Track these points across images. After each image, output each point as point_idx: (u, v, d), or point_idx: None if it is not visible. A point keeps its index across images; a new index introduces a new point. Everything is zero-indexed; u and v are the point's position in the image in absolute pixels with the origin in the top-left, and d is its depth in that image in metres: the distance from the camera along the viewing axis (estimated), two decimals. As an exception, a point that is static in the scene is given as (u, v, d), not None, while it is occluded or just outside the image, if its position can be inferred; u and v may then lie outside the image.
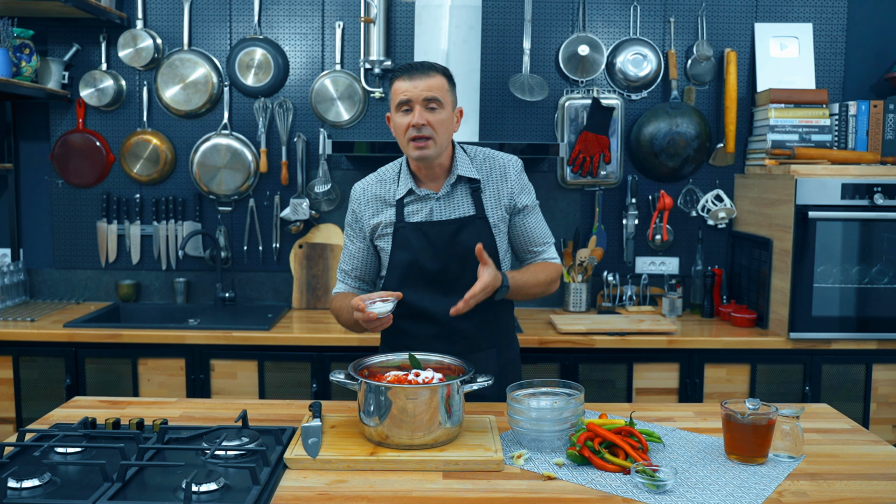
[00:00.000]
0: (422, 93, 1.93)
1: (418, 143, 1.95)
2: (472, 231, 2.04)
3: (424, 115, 1.93)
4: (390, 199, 2.08)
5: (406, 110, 1.95)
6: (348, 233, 2.16)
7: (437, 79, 1.96)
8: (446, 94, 1.97)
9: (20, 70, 3.22)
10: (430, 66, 1.97)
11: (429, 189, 2.06)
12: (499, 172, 2.09)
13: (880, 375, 3.01)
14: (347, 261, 2.16)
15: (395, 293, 1.89)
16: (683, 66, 3.45)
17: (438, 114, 1.95)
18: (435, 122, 1.95)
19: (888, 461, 1.69)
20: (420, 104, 1.93)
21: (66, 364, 2.97)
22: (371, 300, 1.85)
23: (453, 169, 2.05)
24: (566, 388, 1.79)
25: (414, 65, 1.97)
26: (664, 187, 3.48)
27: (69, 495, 1.44)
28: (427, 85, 1.93)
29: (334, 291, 2.19)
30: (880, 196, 2.90)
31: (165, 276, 3.52)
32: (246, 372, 2.97)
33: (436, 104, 1.95)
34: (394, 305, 1.87)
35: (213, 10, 3.42)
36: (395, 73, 1.99)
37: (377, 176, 2.13)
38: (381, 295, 1.87)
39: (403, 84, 1.95)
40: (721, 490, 1.52)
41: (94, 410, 1.97)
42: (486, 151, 2.12)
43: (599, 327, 3.01)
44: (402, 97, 1.95)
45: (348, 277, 2.17)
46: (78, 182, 3.45)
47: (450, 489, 1.52)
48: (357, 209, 2.11)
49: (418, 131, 1.94)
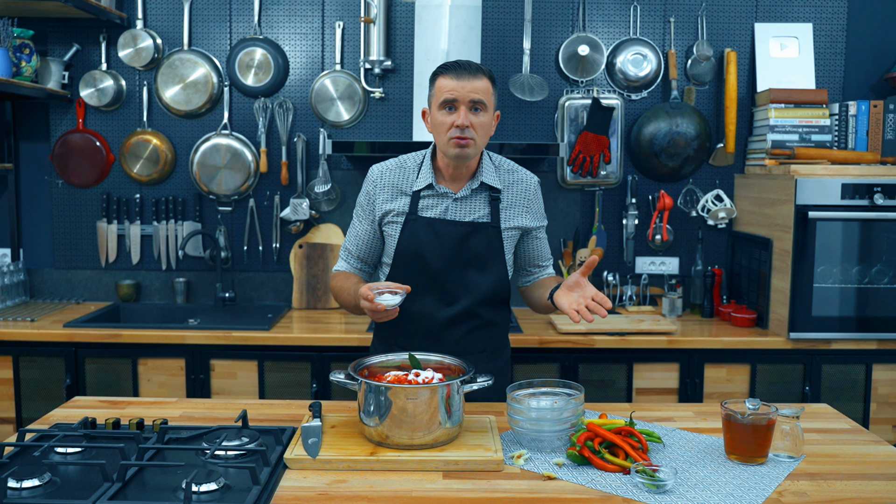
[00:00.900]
0: (468, 94, 1.93)
1: (460, 141, 1.95)
2: (482, 237, 2.05)
3: (469, 117, 1.93)
4: (407, 188, 2.07)
5: (450, 108, 1.95)
6: (358, 212, 2.15)
7: (483, 81, 1.95)
8: (490, 96, 1.97)
9: (20, 70, 3.22)
10: (477, 68, 1.96)
11: (448, 188, 2.06)
12: (521, 188, 2.11)
13: (880, 375, 3.01)
14: (352, 240, 2.16)
15: (405, 286, 1.87)
16: (683, 66, 3.45)
17: (481, 116, 1.95)
18: (478, 124, 1.95)
19: (888, 461, 1.69)
20: (465, 105, 1.93)
21: (66, 364, 2.97)
22: (379, 290, 1.85)
23: (478, 174, 2.06)
24: (566, 388, 1.79)
25: (462, 63, 1.96)
26: (664, 187, 3.48)
27: (69, 495, 1.44)
28: (474, 87, 1.93)
29: (335, 269, 2.20)
30: (880, 196, 2.90)
31: (165, 276, 3.52)
32: (246, 372, 2.97)
33: (480, 106, 1.95)
34: (402, 299, 1.85)
35: (213, 10, 3.42)
36: (440, 68, 1.98)
37: (398, 162, 2.11)
38: (390, 286, 1.86)
39: (450, 82, 1.94)
40: (721, 490, 1.52)
41: (94, 410, 1.97)
42: (510, 164, 2.14)
43: (599, 327, 3.00)
44: (447, 95, 1.93)
45: (351, 257, 2.17)
46: (78, 182, 3.45)
47: (450, 489, 1.52)
48: (371, 191, 2.10)
49: (461, 132, 1.94)
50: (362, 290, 1.85)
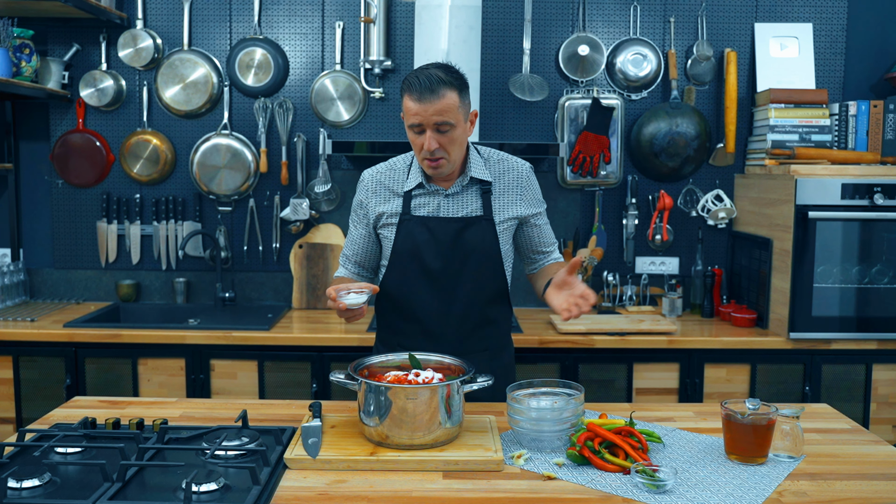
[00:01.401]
0: (432, 117, 1.90)
1: (431, 162, 1.96)
2: (477, 231, 2.05)
3: (436, 139, 1.92)
4: (398, 189, 2.08)
5: (419, 132, 1.94)
6: (353, 218, 2.17)
7: (446, 98, 1.89)
8: (457, 111, 1.92)
9: (20, 70, 3.22)
10: (438, 84, 1.88)
11: (438, 185, 2.06)
12: (512, 176, 2.10)
13: (880, 375, 3.01)
14: (350, 246, 2.18)
15: (371, 286, 1.89)
16: (683, 66, 3.45)
17: (450, 134, 1.93)
18: (446, 142, 1.94)
19: (888, 461, 1.69)
20: (431, 128, 1.92)
21: (66, 364, 2.97)
22: (347, 290, 1.86)
23: (466, 170, 2.05)
24: (566, 388, 1.79)
25: (424, 82, 1.88)
26: (664, 187, 3.48)
27: (69, 495, 1.44)
28: (436, 109, 1.89)
29: (335, 275, 2.21)
30: (880, 196, 2.90)
31: (165, 276, 3.52)
32: (246, 372, 2.97)
33: (447, 126, 1.92)
34: (367, 298, 1.87)
35: (213, 10, 3.42)
36: (404, 85, 1.94)
37: (388, 165, 2.13)
38: (359, 285, 1.88)
39: (413, 105, 1.90)
40: (721, 490, 1.52)
41: (94, 410, 1.97)
42: (499, 154, 2.12)
43: (599, 327, 3.00)
44: (412, 120, 1.92)
45: (349, 262, 2.18)
46: (78, 182, 3.45)
47: (450, 489, 1.52)
48: (364, 195, 2.11)
49: (431, 154, 1.94)
50: (328, 291, 1.86)
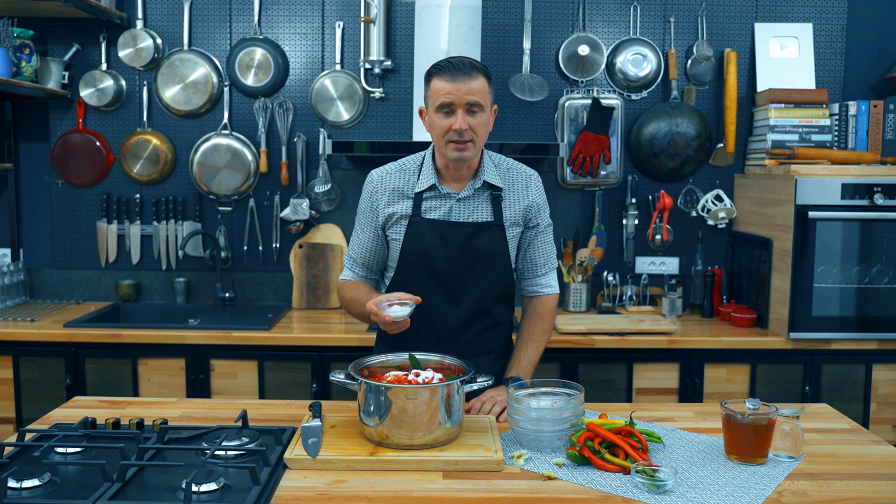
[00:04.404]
0: (465, 97, 1.88)
1: (458, 145, 1.92)
2: (487, 237, 2.03)
3: (467, 120, 1.89)
4: (409, 191, 2.05)
5: (447, 112, 1.91)
6: (360, 219, 2.12)
7: (479, 80, 1.89)
8: (487, 95, 1.93)
9: (20, 70, 3.22)
10: (472, 66, 1.90)
11: (450, 188, 2.05)
12: (522, 184, 2.09)
13: (880, 375, 3.01)
14: (356, 248, 2.13)
15: (415, 297, 1.85)
16: (683, 66, 3.45)
17: (479, 117, 1.92)
18: (476, 125, 1.91)
19: (888, 461, 1.69)
20: (462, 108, 1.89)
21: (66, 364, 2.97)
22: (389, 302, 1.83)
23: (479, 173, 2.04)
24: (566, 388, 1.79)
25: (456, 63, 1.89)
26: (664, 187, 3.48)
27: (69, 495, 1.44)
28: (470, 88, 1.88)
29: (341, 278, 2.17)
30: (880, 196, 2.90)
31: (165, 276, 3.52)
32: (246, 372, 2.97)
33: (477, 108, 1.91)
34: (412, 310, 1.83)
35: (213, 10, 3.42)
36: (434, 69, 1.93)
37: (397, 166, 2.09)
38: (400, 297, 1.84)
39: (446, 85, 1.88)
40: (721, 490, 1.52)
41: (94, 410, 1.97)
42: (509, 161, 2.11)
43: (599, 327, 3.01)
44: (444, 99, 1.89)
45: (356, 265, 2.14)
46: (78, 182, 3.45)
47: (450, 489, 1.52)
48: (372, 196, 2.07)
49: (460, 135, 1.90)
50: (368, 305, 1.83)
